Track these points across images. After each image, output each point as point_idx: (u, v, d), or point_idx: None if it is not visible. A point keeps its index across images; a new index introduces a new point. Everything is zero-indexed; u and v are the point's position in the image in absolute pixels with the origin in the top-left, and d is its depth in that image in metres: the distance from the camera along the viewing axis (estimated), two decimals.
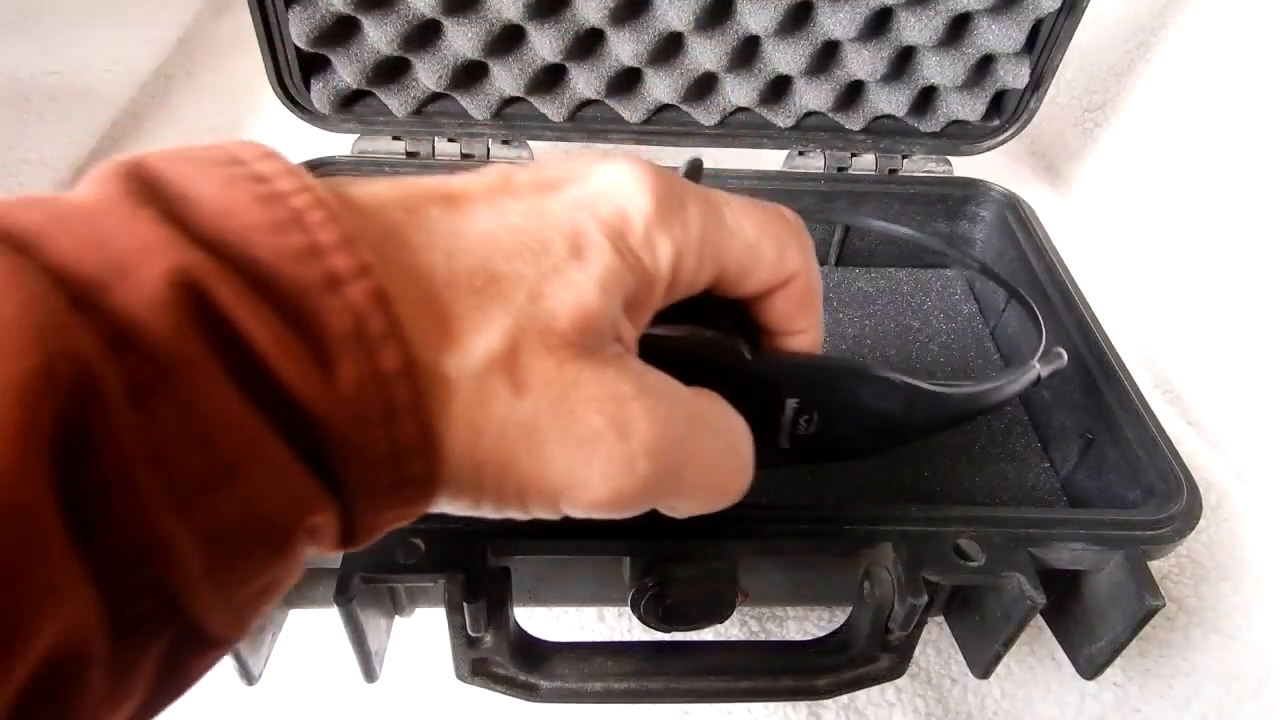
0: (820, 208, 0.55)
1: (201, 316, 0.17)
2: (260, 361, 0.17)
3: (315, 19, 0.47)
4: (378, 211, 0.21)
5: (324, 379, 0.18)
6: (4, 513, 0.14)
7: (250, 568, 0.18)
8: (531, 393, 0.21)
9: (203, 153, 0.19)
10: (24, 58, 0.61)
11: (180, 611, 0.17)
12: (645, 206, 0.23)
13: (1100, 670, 0.35)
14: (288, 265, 0.18)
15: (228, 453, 0.17)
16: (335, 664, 0.39)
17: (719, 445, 0.25)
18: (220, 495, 0.17)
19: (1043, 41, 0.50)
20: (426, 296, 0.20)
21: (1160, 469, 0.37)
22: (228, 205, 0.18)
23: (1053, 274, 0.48)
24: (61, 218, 0.17)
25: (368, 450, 0.18)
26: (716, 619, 0.35)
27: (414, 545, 0.31)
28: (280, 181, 0.19)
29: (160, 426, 0.16)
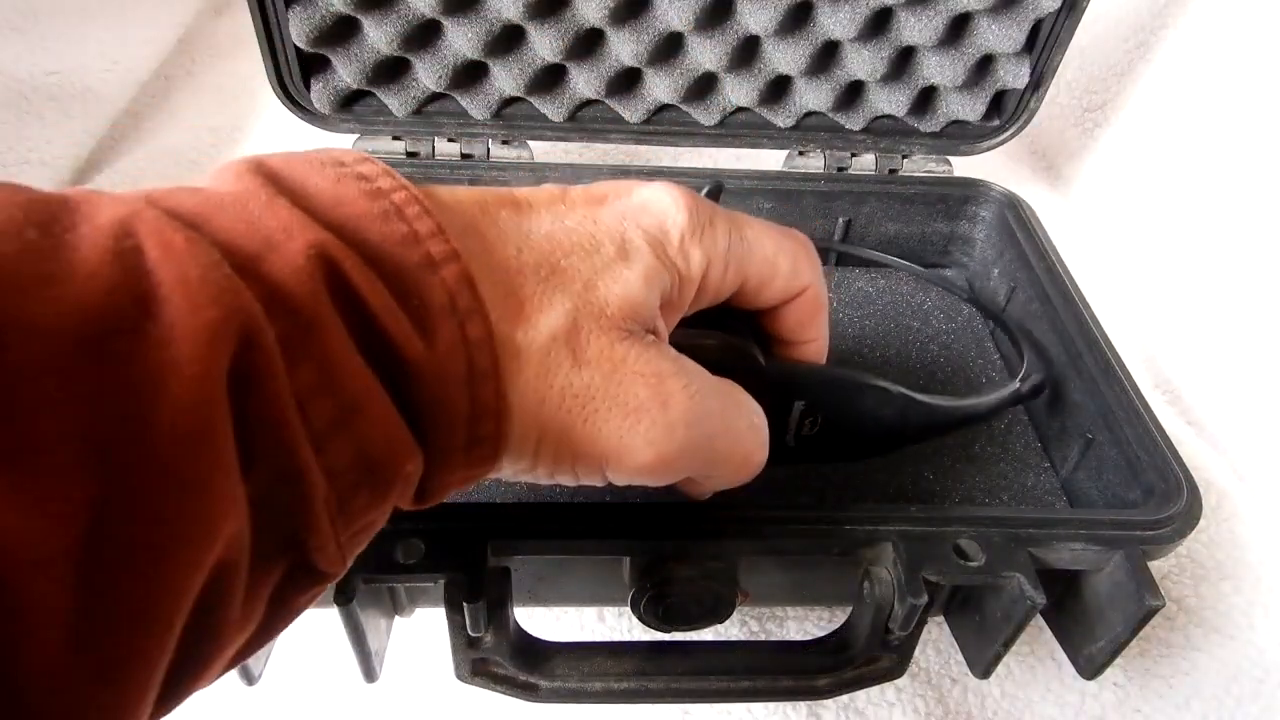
0: (820, 208, 0.55)
1: (332, 284, 0.20)
2: (377, 324, 0.20)
3: (315, 19, 0.47)
4: (459, 209, 0.24)
5: (425, 343, 0.21)
6: (200, 434, 0.17)
7: (358, 506, 0.21)
8: (588, 365, 0.24)
9: (311, 156, 0.23)
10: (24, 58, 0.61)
11: (298, 543, 0.20)
12: (681, 221, 0.27)
13: (1100, 670, 0.35)
14: (394, 248, 0.21)
15: (349, 399, 0.20)
16: (335, 664, 0.39)
17: (743, 420, 0.29)
18: (342, 437, 0.20)
19: (1043, 41, 0.50)
20: (501, 280, 0.24)
21: (1160, 469, 0.37)
22: (340, 197, 0.21)
23: (1053, 274, 0.48)
24: (215, 203, 0.20)
25: (452, 408, 0.22)
26: (716, 619, 0.35)
27: (414, 545, 0.31)
28: (380, 180, 0.22)
29: (300, 373, 0.19)
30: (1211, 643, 0.44)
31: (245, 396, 0.18)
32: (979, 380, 0.50)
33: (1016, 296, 0.51)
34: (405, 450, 0.21)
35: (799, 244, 0.31)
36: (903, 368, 0.51)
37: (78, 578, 0.15)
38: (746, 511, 0.34)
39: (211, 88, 0.76)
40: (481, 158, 0.54)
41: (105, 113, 0.67)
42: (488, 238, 0.24)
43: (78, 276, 0.16)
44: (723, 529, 0.33)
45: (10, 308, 0.15)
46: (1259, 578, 0.46)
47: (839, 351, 0.51)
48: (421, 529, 0.31)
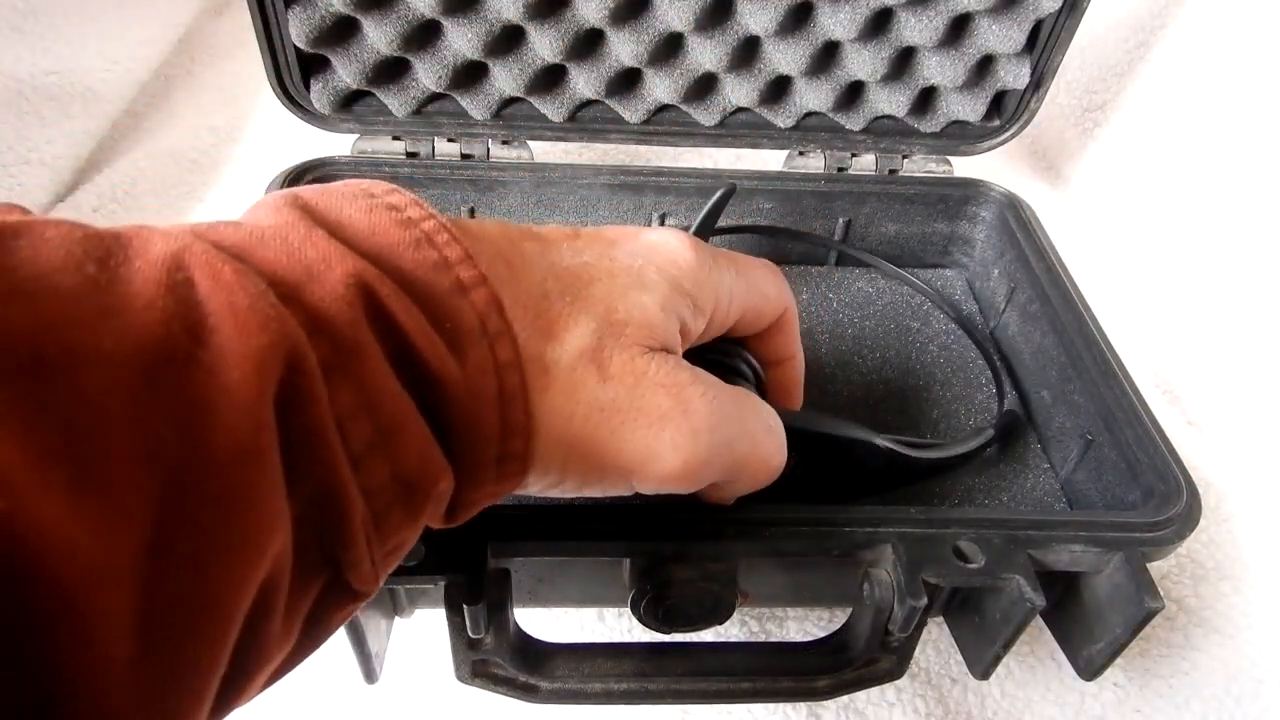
0: (820, 208, 0.55)
1: (371, 311, 0.21)
2: (413, 348, 0.21)
3: (315, 19, 0.47)
4: (486, 239, 0.25)
5: (457, 364, 0.22)
6: (251, 454, 0.17)
7: (392, 525, 0.22)
8: (613, 380, 0.26)
9: (343, 188, 0.24)
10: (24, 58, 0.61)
11: (335, 561, 0.20)
12: (691, 259, 0.30)
13: (1099, 672, 0.35)
14: (426, 274, 0.22)
15: (386, 421, 0.21)
16: (335, 665, 0.39)
17: (760, 424, 0.30)
18: (379, 457, 0.20)
19: (1043, 42, 0.50)
20: (529, 304, 0.25)
21: (1160, 470, 0.37)
22: (374, 227, 0.23)
23: (1053, 274, 0.48)
24: (258, 236, 0.21)
25: (483, 427, 0.23)
26: (716, 620, 0.35)
27: (415, 547, 0.31)
28: (410, 210, 0.24)
29: (341, 396, 0.20)
30: (1211, 643, 0.44)
31: (290, 418, 0.18)
32: (978, 381, 0.50)
33: (1016, 297, 0.51)
34: (438, 470, 0.22)
35: (774, 271, 0.34)
36: (903, 368, 0.51)
37: (141, 590, 0.16)
38: (746, 513, 0.34)
39: (211, 88, 0.76)
40: (481, 158, 0.54)
41: (105, 113, 0.67)
42: (514, 266, 0.26)
43: (135, 307, 0.17)
44: (722, 530, 0.33)
45: (78, 338, 0.16)
46: (1259, 578, 0.46)
47: (839, 353, 0.51)
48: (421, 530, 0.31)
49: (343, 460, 0.20)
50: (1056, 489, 0.45)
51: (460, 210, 0.54)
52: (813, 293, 0.56)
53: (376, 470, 0.20)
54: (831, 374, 0.50)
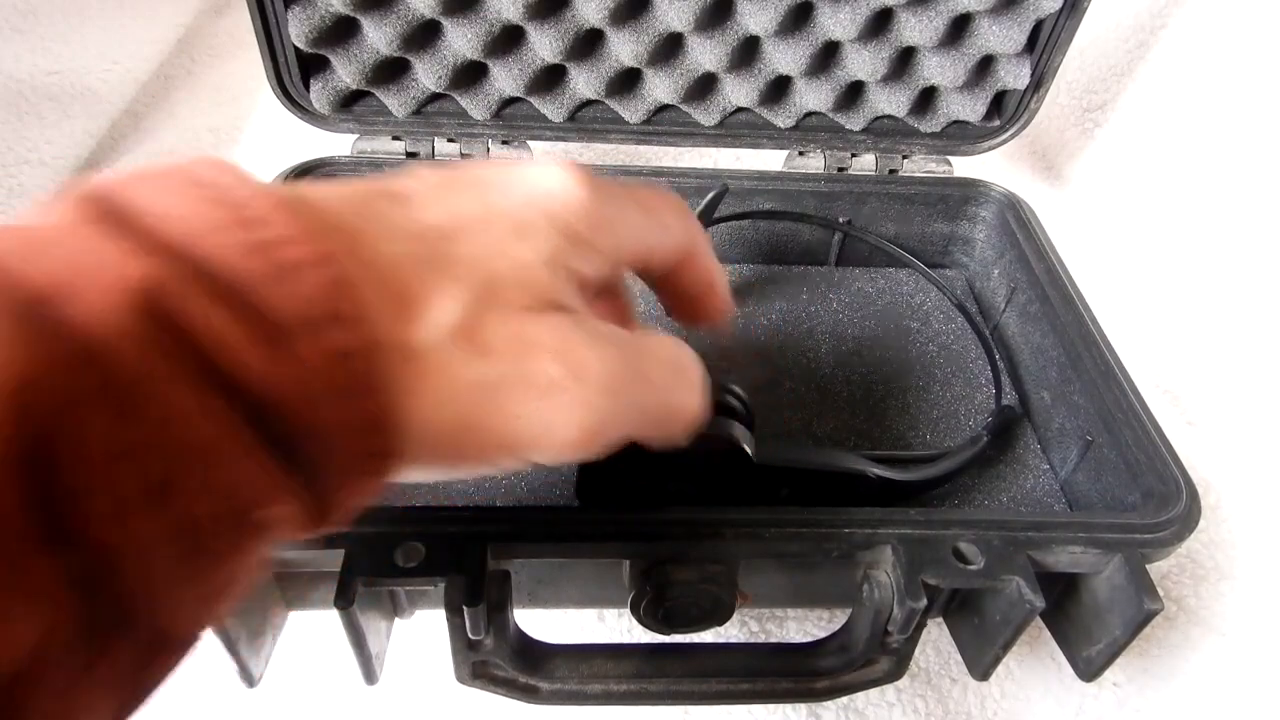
0: (820, 208, 0.55)
1: (156, 323, 0.17)
2: (218, 359, 0.18)
3: (314, 19, 0.47)
4: (326, 208, 0.22)
5: (283, 362, 0.19)
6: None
7: (213, 564, 0.19)
8: (493, 354, 0.23)
9: (153, 167, 0.20)
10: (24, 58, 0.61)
11: (147, 613, 0.18)
12: (584, 196, 0.26)
13: (1099, 673, 0.35)
14: (239, 261, 0.19)
15: (188, 453, 0.17)
16: (335, 666, 0.39)
17: (666, 374, 0.28)
18: (184, 495, 0.17)
19: (1043, 42, 0.50)
20: (384, 280, 0.22)
21: (1160, 472, 0.37)
22: (178, 211, 0.19)
23: (1053, 274, 0.48)
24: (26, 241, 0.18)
25: (332, 427, 0.20)
26: (716, 621, 0.35)
27: (414, 549, 0.31)
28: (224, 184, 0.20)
29: (124, 432, 0.17)
30: (1211, 643, 0.44)
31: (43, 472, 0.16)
32: (978, 381, 0.50)
33: (1016, 297, 0.51)
34: (269, 494, 0.19)
35: (676, 203, 0.31)
36: (903, 368, 0.51)
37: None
38: (746, 514, 0.34)
39: (211, 88, 0.76)
40: (482, 158, 0.54)
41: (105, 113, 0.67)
42: (363, 234, 0.22)
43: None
44: (722, 532, 0.33)
45: None
46: (1259, 578, 0.46)
47: (839, 353, 0.51)
48: (421, 532, 0.31)
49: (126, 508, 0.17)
50: (1056, 490, 0.45)
51: None
52: (813, 293, 0.56)
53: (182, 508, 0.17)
54: (831, 374, 0.50)
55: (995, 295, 0.54)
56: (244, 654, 0.32)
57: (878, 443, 0.46)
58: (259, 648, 0.34)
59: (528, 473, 0.43)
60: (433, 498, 0.41)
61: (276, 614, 0.36)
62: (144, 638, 0.18)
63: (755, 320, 0.53)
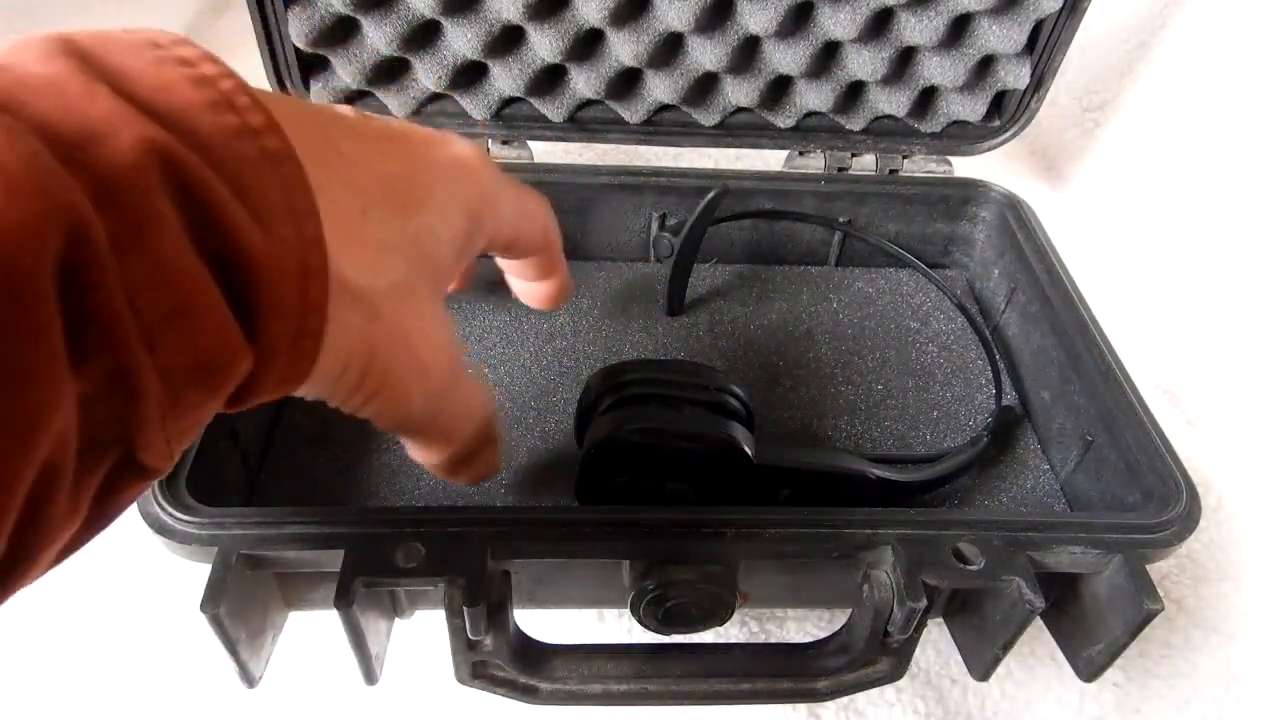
0: (820, 208, 0.55)
1: (164, 178, 0.19)
2: (214, 219, 0.20)
3: (314, 19, 0.47)
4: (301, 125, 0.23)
5: (265, 238, 0.21)
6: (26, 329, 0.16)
7: (188, 404, 0.21)
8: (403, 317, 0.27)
9: (125, 36, 0.21)
10: None
11: (127, 439, 0.19)
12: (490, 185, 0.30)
13: (1099, 673, 0.35)
14: (227, 140, 0.21)
15: (183, 297, 0.19)
16: (335, 666, 0.39)
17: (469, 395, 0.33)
18: (176, 335, 0.19)
19: (1043, 42, 0.50)
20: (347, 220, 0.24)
21: (1160, 472, 0.37)
22: (164, 83, 0.20)
23: (1053, 274, 0.48)
24: (28, 86, 0.19)
25: (284, 301, 0.22)
26: (716, 621, 0.35)
27: (414, 549, 0.31)
28: (204, 66, 0.21)
29: (133, 270, 0.18)
30: (1211, 643, 0.44)
31: (75, 292, 0.17)
32: (978, 381, 0.50)
33: (1016, 297, 0.51)
34: (238, 349, 0.21)
35: (542, 200, 0.35)
36: (903, 368, 0.51)
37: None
38: (746, 514, 0.34)
39: None
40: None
41: None
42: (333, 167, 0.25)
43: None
44: (722, 532, 0.33)
45: None
46: (1259, 578, 0.46)
47: (839, 353, 0.51)
48: (421, 532, 0.31)
49: (135, 338, 0.18)
50: (1056, 490, 0.45)
51: None
52: (813, 293, 0.56)
53: (172, 348, 0.19)
54: (831, 374, 0.50)
55: (995, 295, 0.54)
56: (244, 654, 0.32)
57: (878, 443, 0.46)
58: (259, 648, 0.34)
59: (528, 474, 0.43)
60: (433, 498, 0.41)
61: (276, 614, 0.36)
62: (120, 462, 0.20)
63: (755, 320, 0.53)
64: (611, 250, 0.56)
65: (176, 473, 0.33)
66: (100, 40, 0.21)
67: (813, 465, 0.39)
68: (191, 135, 0.20)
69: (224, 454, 0.38)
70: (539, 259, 0.36)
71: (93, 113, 0.19)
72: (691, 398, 0.38)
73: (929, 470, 0.41)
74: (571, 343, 0.51)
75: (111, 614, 0.42)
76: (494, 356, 0.49)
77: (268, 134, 0.21)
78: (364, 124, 0.28)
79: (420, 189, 0.28)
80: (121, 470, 0.20)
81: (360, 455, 0.43)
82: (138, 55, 0.21)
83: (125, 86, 0.20)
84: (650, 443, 0.36)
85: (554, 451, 0.44)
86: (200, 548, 0.31)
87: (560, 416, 0.46)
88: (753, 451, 0.36)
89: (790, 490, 0.38)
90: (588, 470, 0.37)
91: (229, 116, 0.21)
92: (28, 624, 0.41)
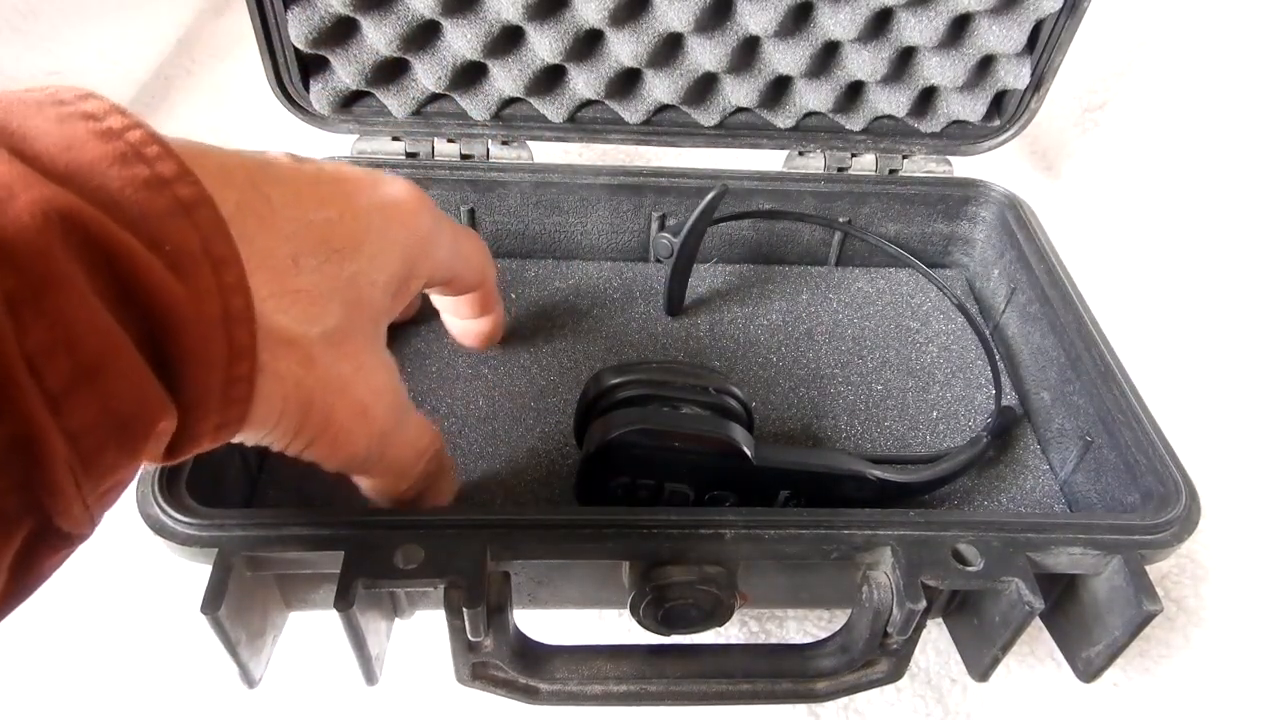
0: (820, 208, 0.55)
1: (66, 237, 0.19)
2: (128, 274, 0.20)
3: (314, 20, 0.47)
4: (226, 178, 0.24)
5: (183, 287, 0.21)
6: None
7: (105, 466, 0.20)
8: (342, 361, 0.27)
9: (25, 95, 0.21)
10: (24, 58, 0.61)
11: (39, 507, 0.19)
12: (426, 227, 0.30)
13: (1098, 674, 0.35)
14: (137, 194, 0.20)
15: (90, 358, 0.19)
16: (335, 667, 0.39)
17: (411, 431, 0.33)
18: (83, 397, 0.19)
19: (1043, 42, 0.50)
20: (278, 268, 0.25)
21: (1159, 472, 0.37)
22: (68, 141, 0.20)
23: (1052, 274, 0.48)
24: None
25: (208, 351, 0.22)
26: (715, 622, 0.35)
27: (414, 550, 0.31)
28: (110, 119, 0.21)
29: (33, 332, 0.18)
30: (1211, 644, 0.44)
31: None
32: (978, 381, 0.50)
33: (1016, 297, 0.51)
34: (156, 407, 0.21)
35: (479, 243, 0.36)
36: (903, 368, 0.51)
37: None
38: (746, 515, 0.34)
39: (211, 88, 0.76)
40: (481, 158, 0.54)
41: None
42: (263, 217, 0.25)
43: None
44: (721, 533, 0.33)
45: None
46: (1259, 578, 0.46)
47: (839, 353, 0.51)
48: (421, 534, 0.31)
49: (37, 402, 0.18)
50: (1055, 490, 0.45)
51: (459, 211, 0.54)
52: (813, 293, 0.56)
53: (81, 410, 0.19)
54: (831, 374, 0.50)
55: (995, 295, 0.54)
56: (244, 655, 0.32)
57: (877, 443, 0.46)
58: (259, 649, 0.34)
59: (528, 474, 0.43)
60: None
61: (277, 615, 0.36)
62: (36, 532, 0.19)
63: (755, 320, 0.53)
64: (611, 250, 0.56)
65: (177, 474, 0.33)
66: (4, 104, 0.21)
67: (812, 466, 0.39)
68: (98, 191, 0.20)
69: (224, 455, 0.38)
70: (474, 298, 0.37)
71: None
72: (691, 398, 0.38)
73: (928, 471, 0.41)
74: (571, 343, 0.51)
75: (112, 615, 0.42)
76: (494, 357, 0.49)
77: (178, 182, 0.21)
78: (295, 171, 0.28)
79: (353, 235, 0.28)
80: (39, 539, 0.20)
81: None
82: (39, 114, 0.20)
83: (26, 148, 0.19)
84: (650, 444, 0.36)
85: (554, 452, 0.44)
86: (200, 549, 0.31)
87: (560, 416, 0.46)
88: (752, 452, 0.36)
89: (790, 491, 0.38)
90: (587, 471, 0.37)
91: (138, 168, 0.20)
92: (28, 625, 0.41)
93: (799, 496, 0.38)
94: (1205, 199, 0.60)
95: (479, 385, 0.47)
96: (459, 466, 0.43)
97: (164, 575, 0.42)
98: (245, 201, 0.24)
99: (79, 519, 0.20)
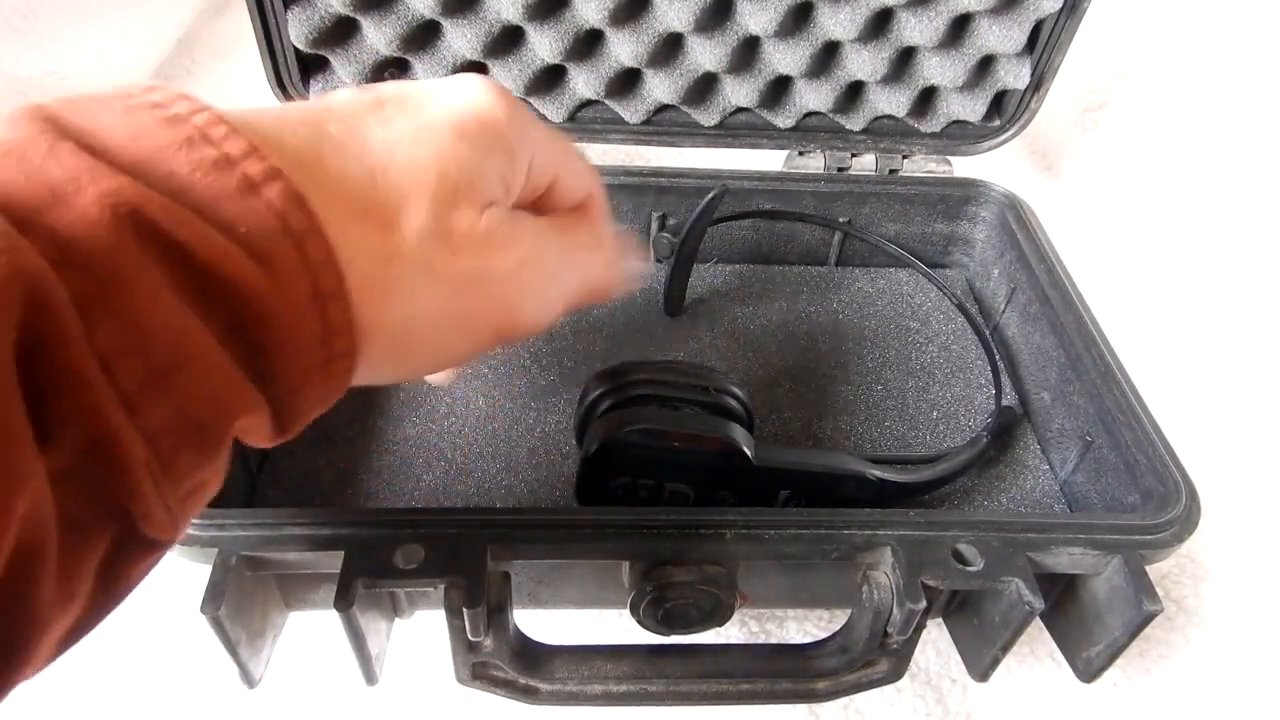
0: (820, 208, 0.55)
1: (137, 232, 0.18)
2: (201, 266, 0.19)
3: (314, 20, 0.47)
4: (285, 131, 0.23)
5: (263, 271, 0.20)
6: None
7: (185, 467, 0.19)
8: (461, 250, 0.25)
9: (95, 94, 0.21)
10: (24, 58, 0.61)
11: (121, 513, 0.18)
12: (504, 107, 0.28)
13: (1098, 674, 0.35)
14: (206, 176, 0.20)
15: (165, 356, 0.18)
16: (335, 667, 0.39)
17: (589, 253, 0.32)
18: (159, 397, 0.18)
19: (1043, 42, 0.50)
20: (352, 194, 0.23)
21: (1159, 473, 0.37)
22: (135, 131, 0.20)
23: (1052, 274, 0.48)
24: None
25: (302, 332, 0.21)
26: (715, 622, 0.35)
27: (414, 550, 0.31)
28: (176, 105, 0.21)
29: (103, 333, 0.17)
30: (1211, 644, 0.44)
31: (38, 364, 0.16)
32: (978, 381, 0.50)
33: (1016, 297, 0.51)
34: (238, 403, 0.20)
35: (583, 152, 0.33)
36: (903, 368, 0.51)
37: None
38: (746, 515, 0.34)
39: (211, 88, 0.76)
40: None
41: None
42: (324, 155, 0.23)
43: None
44: (722, 533, 0.33)
45: None
46: (1259, 578, 0.46)
47: (839, 353, 0.51)
48: (421, 534, 0.31)
49: (112, 404, 0.17)
50: (1055, 491, 0.45)
51: None
52: (813, 293, 0.56)
53: (157, 411, 0.18)
54: (831, 374, 0.50)
55: (995, 295, 0.54)
56: (244, 655, 0.32)
57: (877, 443, 0.46)
58: (259, 649, 0.34)
59: (528, 474, 0.43)
60: (433, 499, 0.41)
61: (276, 615, 0.36)
62: (120, 538, 0.19)
63: (755, 320, 0.53)
64: None
65: None
66: (70, 101, 0.20)
67: (812, 466, 0.39)
68: (168, 178, 0.19)
69: None
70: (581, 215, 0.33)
71: (55, 173, 0.18)
72: (691, 398, 0.38)
73: (928, 471, 0.41)
74: (571, 343, 0.51)
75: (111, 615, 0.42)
76: (494, 356, 0.49)
77: (248, 160, 0.20)
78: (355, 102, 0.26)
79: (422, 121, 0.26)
80: (125, 545, 0.19)
81: (360, 456, 0.43)
82: (106, 108, 0.20)
83: (94, 141, 0.19)
84: (650, 444, 0.36)
85: (554, 451, 0.44)
86: (200, 549, 0.31)
87: (560, 416, 0.46)
88: (752, 452, 0.36)
89: (790, 491, 0.38)
90: (588, 471, 0.37)
91: (205, 150, 0.20)
92: None
93: (799, 496, 0.38)
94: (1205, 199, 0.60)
95: (479, 385, 0.47)
96: (459, 466, 0.43)
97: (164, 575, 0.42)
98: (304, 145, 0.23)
99: (162, 523, 0.19)
